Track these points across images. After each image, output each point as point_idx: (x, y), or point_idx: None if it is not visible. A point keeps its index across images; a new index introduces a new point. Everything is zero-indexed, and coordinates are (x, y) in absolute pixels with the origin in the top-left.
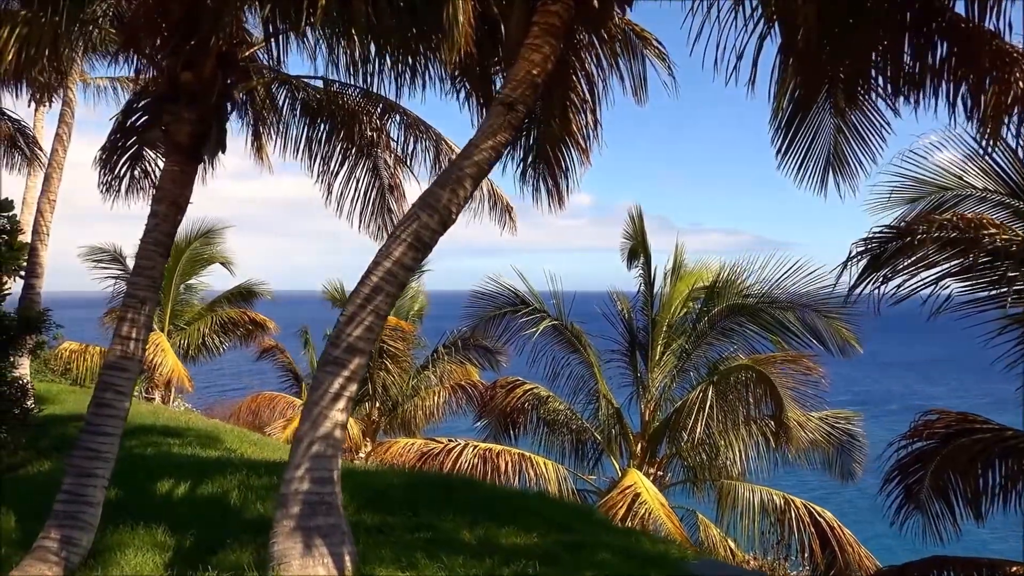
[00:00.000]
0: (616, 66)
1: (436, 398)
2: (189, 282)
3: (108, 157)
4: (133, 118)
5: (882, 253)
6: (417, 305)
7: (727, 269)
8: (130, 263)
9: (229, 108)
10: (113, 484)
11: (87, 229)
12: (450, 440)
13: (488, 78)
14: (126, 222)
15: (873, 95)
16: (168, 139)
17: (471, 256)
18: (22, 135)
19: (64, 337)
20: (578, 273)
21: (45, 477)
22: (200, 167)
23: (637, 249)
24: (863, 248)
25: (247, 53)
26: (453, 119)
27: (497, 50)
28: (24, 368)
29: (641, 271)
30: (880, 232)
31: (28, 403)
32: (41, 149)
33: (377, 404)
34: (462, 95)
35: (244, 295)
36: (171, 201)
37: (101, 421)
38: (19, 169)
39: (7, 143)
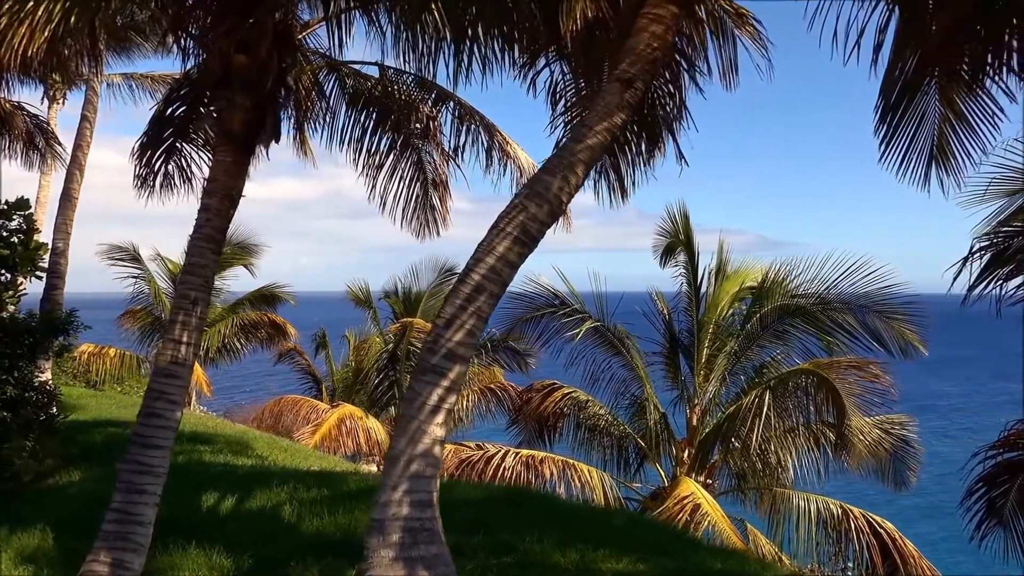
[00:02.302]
0: (704, 47)
1: (465, 402)
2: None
3: (144, 150)
4: (172, 108)
5: (1006, 249)
6: None
7: (776, 268)
8: (151, 265)
9: (283, 94)
10: None
11: (99, 229)
12: (478, 446)
13: (591, 52)
14: (137, 223)
15: (985, 77)
16: (220, 127)
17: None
18: (41, 131)
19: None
20: (582, 274)
21: (77, 489)
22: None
23: (675, 246)
24: (987, 243)
25: (299, 36)
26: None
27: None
28: (48, 373)
29: (683, 270)
30: (1006, 227)
31: (53, 409)
32: (61, 145)
33: None
34: (529, 77)
35: (267, 298)
36: (224, 194)
37: (152, 432)
38: (38, 168)
39: (24, 140)
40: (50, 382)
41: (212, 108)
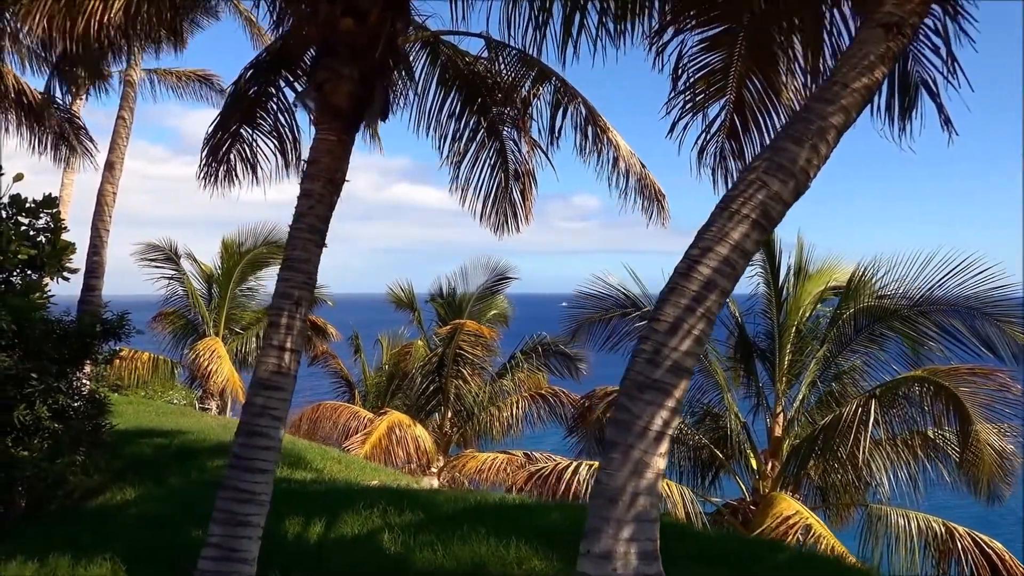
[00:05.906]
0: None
1: (515, 409)
2: (250, 284)
3: (214, 136)
4: (248, 86)
5: None
6: (495, 310)
7: (864, 267)
8: (185, 264)
9: (393, 64)
10: None
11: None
12: (526, 455)
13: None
14: (141, 226)
15: None
16: (323, 102)
17: (479, 257)
18: (71, 125)
19: None
20: (585, 276)
21: (136, 510)
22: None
23: None
24: None
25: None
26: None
27: None
28: (91, 381)
29: (760, 270)
30: None
31: (101, 419)
32: (92, 141)
33: (449, 415)
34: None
35: None
36: (327, 178)
37: (254, 455)
38: (65, 164)
39: (55, 133)
40: (98, 390)
41: (315, 81)
